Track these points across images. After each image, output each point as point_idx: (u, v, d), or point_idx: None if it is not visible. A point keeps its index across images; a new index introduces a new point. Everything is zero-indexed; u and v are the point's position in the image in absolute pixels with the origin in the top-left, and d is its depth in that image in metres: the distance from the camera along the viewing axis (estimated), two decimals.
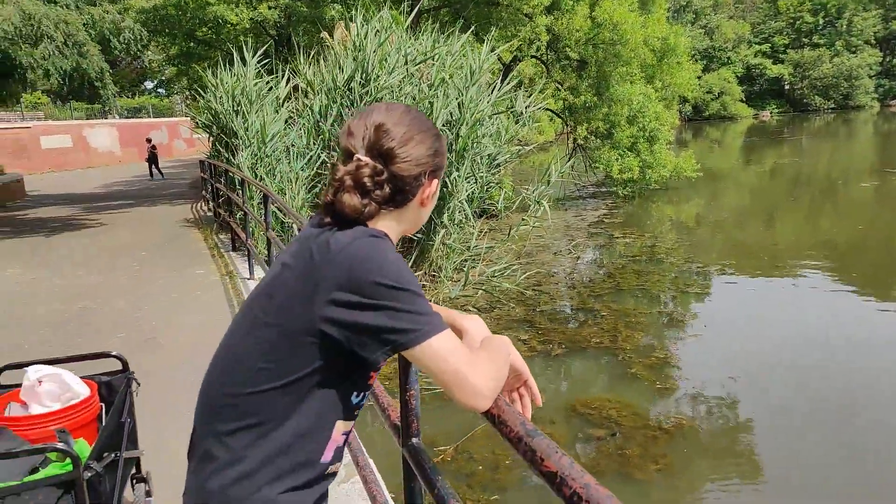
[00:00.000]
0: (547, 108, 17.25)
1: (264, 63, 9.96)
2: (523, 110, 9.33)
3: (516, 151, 9.84)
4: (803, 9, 67.01)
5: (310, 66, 9.56)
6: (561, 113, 18.28)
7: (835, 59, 64.77)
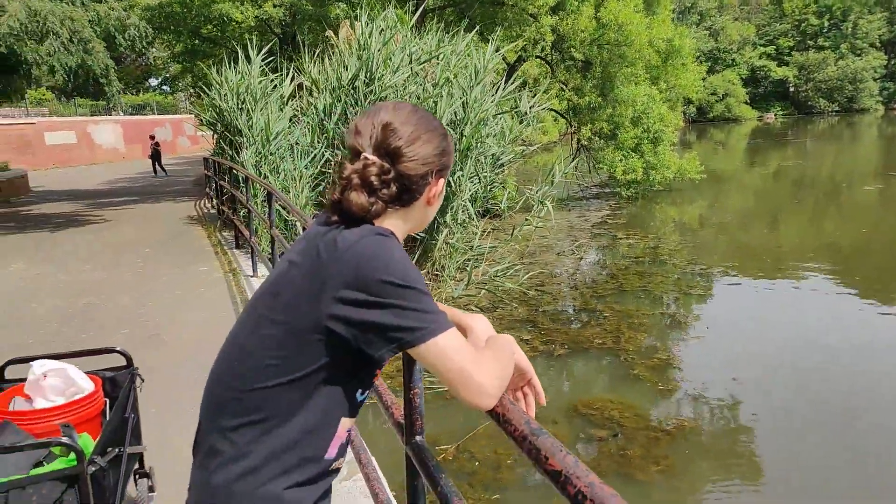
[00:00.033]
0: (551, 109, 17.23)
1: (269, 61, 9.96)
2: (527, 110, 9.34)
3: (520, 151, 9.85)
4: (808, 11, 66.89)
5: (314, 64, 9.57)
6: (565, 113, 18.28)
7: (840, 62, 64.66)
